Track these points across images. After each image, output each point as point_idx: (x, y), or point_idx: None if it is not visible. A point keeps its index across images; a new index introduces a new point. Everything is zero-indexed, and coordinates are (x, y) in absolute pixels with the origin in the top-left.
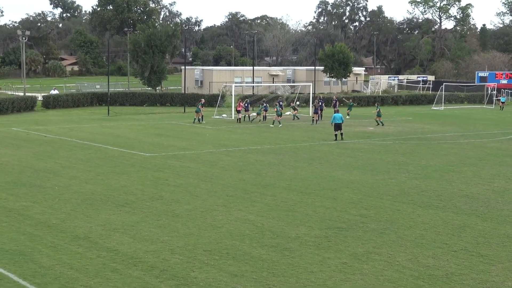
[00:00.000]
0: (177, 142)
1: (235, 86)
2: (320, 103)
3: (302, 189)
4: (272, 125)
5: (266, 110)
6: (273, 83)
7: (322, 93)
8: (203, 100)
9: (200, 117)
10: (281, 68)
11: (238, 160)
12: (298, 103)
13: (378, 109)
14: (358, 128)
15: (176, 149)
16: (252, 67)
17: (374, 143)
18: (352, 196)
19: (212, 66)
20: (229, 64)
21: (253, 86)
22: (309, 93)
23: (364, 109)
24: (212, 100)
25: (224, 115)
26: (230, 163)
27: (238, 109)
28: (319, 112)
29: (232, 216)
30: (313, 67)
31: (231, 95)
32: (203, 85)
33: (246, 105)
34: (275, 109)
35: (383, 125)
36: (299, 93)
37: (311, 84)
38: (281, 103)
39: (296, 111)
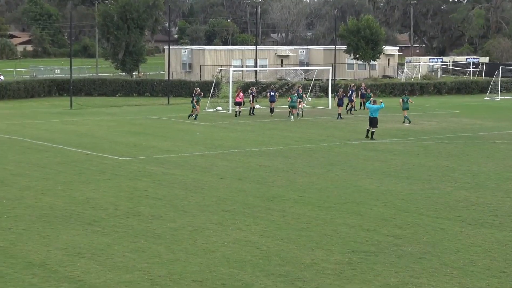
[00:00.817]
0: (159, 143)
1: (233, 70)
2: (350, 92)
3: (319, 202)
4: (293, 119)
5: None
6: (281, 66)
7: (345, 79)
8: (198, 90)
9: (196, 113)
10: (292, 47)
11: (237, 165)
12: (310, 94)
13: (405, 100)
14: (391, 124)
15: (157, 151)
16: (254, 47)
17: (411, 144)
18: (383, 211)
19: (203, 45)
20: (225, 43)
21: (256, 70)
22: (328, 80)
23: (398, 100)
24: (204, 89)
25: (219, 108)
26: (227, 169)
27: (237, 100)
28: (352, 103)
29: (230, 237)
30: (333, 46)
31: (228, 82)
32: (193, 70)
33: (252, 94)
34: (289, 99)
35: (409, 122)
36: (314, 79)
37: (330, 68)
38: (299, 92)
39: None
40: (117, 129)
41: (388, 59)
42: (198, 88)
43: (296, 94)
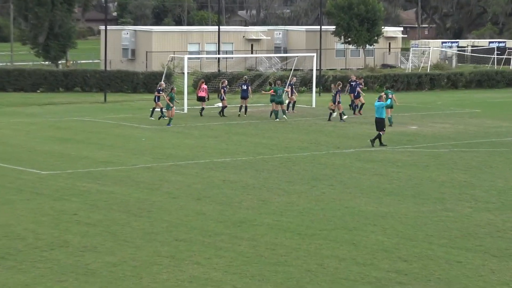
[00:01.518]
0: (94, 152)
1: (189, 58)
2: (352, 84)
3: (300, 228)
4: (285, 117)
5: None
6: (252, 53)
7: (333, 70)
8: (163, 85)
9: (157, 109)
10: (265, 28)
11: (194, 181)
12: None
13: (389, 95)
14: (394, 126)
15: (91, 162)
16: (217, 28)
17: (419, 152)
18: (383, 240)
19: (151, 25)
20: (179, 23)
21: (218, 58)
22: (311, 70)
23: (403, 95)
24: (151, 82)
25: None
26: (181, 185)
27: (200, 94)
28: (353, 99)
29: (185, 275)
30: (318, 27)
31: (183, 73)
32: (137, 57)
33: (223, 88)
34: (272, 92)
35: (390, 124)
36: (294, 69)
37: (315, 55)
38: (292, 83)
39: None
40: (39, 135)
41: (389, 44)
42: (163, 83)
43: (282, 86)
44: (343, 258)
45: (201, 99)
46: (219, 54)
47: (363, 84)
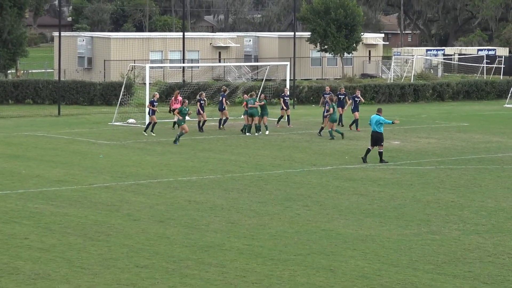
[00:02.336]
0: (47, 170)
1: (151, 67)
2: (341, 97)
3: (273, 253)
4: (266, 132)
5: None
6: (219, 61)
7: (308, 80)
8: (157, 95)
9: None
10: (234, 35)
11: (156, 202)
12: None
13: (330, 108)
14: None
15: (44, 182)
16: (181, 34)
17: (402, 170)
18: (363, 266)
19: (109, 31)
20: (140, 29)
21: (183, 67)
22: (284, 80)
23: (385, 107)
24: (109, 94)
25: (131, 121)
26: (143, 207)
27: (174, 106)
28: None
29: None
30: (292, 34)
31: (144, 83)
32: (93, 66)
33: (200, 101)
34: (244, 105)
35: (332, 137)
36: (266, 79)
37: (288, 63)
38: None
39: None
40: None
41: (369, 51)
42: (157, 93)
43: (253, 98)
44: (319, 286)
45: (173, 111)
46: (183, 62)
47: (360, 97)
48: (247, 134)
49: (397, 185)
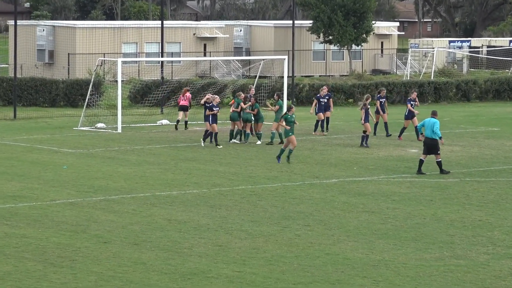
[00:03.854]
0: (0, 183)
1: (124, 62)
2: (325, 99)
3: (269, 281)
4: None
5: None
6: (205, 55)
7: (310, 76)
8: (217, 99)
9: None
10: (222, 23)
11: (130, 221)
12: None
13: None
14: (386, 149)
15: None
16: (159, 23)
17: (420, 183)
18: None
19: (74, 19)
20: (110, 17)
21: (162, 62)
22: (282, 77)
23: (399, 109)
24: (75, 93)
25: (100, 125)
26: (114, 226)
27: (183, 103)
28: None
29: None
30: (290, 22)
31: (115, 81)
32: (56, 61)
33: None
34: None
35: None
36: (259, 76)
37: (286, 58)
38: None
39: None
40: None
41: (382, 43)
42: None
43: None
44: None
45: (182, 108)
46: (162, 56)
47: (417, 100)
48: (240, 141)
49: (414, 201)
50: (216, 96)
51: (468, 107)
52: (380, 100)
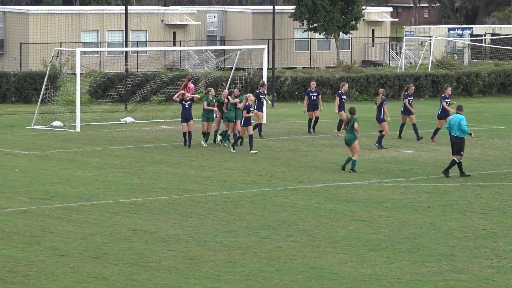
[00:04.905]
0: None
1: (83, 52)
2: (315, 94)
3: None
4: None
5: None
6: (174, 44)
7: (292, 69)
8: (251, 98)
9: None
10: (194, 9)
11: (91, 231)
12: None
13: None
14: (378, 150)
15: None
16: (123, 8)
17: (417, 187)
18: None
19: (27, 5)
20: (68, 1)
21: (126, 52)
22: (261, 69)
23: (394, 105)
24: (27, 87)
25: (56, 123)
26: (73, 237)
27: (188, 95)
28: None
29: None
30: (270, 8)
31: (74, 74)
32: (6, 51)
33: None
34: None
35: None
36: (235, 68)
37: (265, 47)
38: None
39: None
40: None
41: (373, 31)
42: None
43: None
44: None
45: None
46: (126, 46)
47: (411, 95)
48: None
49: (410, 208)
50: (250, 94)
51: (470, 103)
52: (408, 98)
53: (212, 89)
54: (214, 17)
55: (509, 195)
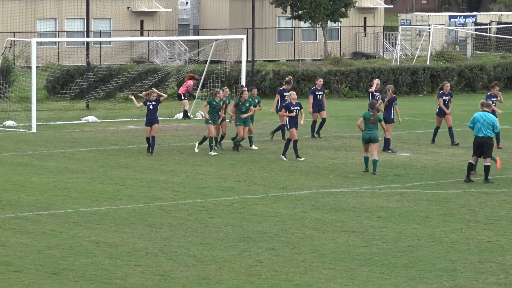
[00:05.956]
0: None
1: (39, 43)
2: (320, 93)
3: None
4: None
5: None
6: (142, 34)
7: (275, 61)
8: (294, 96)
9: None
10: None
11: (48, 244)
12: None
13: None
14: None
15: None
16: None
17: (415, 194)
18: None
19: None
20: None
21: (87, 43)
22: (240, 62)
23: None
24: None
25: (9, 123)
26: (28, 251)
27: (180, 91)
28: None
29: None
30: None
31: (29, 67)
32: None
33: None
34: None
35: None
36: (211, 61)
37: (244, 37)
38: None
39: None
40: None
41: (365, 19)
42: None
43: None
44: None
45: (179, 96)
46: (88, 36)
47: (447, 94)
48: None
49: (406, 217)
50: (293, 92)
51: (474, 100)
52: (444, 98)
53: (226, 89)
54: (187, 3)
55: None
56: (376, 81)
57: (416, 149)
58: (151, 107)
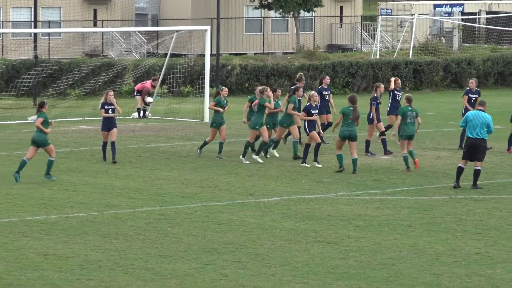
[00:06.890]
0: None
1: None
2: (327, 92)
3: None
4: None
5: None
6: (95, 25)
7: (242, 55)
8: (316, 97)
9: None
10: None
11: None
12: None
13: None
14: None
15: None
16: None
17: (396, 201)
18: None
19: None
20: None
21: (35, 34)
22: (203, 56)
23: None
24: None
25: None
26: None
27: (136, 88)
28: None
29: None
30: None
31: None
32: None
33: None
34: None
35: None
36: (171, 54)
37: (209, 28)
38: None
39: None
40: None
41: (341, 8)
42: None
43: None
44: None
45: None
46: (36, 27)
47: (474, 92)
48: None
49: (387, 227)
50: (314, 92)
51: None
52: (470, 95)
53: (225, 88)
54: None
55: (508, 210)
56: (393, 80)
57: (397, 152)
58: (109, 111)
